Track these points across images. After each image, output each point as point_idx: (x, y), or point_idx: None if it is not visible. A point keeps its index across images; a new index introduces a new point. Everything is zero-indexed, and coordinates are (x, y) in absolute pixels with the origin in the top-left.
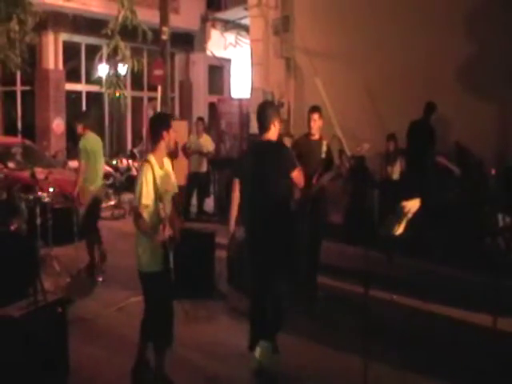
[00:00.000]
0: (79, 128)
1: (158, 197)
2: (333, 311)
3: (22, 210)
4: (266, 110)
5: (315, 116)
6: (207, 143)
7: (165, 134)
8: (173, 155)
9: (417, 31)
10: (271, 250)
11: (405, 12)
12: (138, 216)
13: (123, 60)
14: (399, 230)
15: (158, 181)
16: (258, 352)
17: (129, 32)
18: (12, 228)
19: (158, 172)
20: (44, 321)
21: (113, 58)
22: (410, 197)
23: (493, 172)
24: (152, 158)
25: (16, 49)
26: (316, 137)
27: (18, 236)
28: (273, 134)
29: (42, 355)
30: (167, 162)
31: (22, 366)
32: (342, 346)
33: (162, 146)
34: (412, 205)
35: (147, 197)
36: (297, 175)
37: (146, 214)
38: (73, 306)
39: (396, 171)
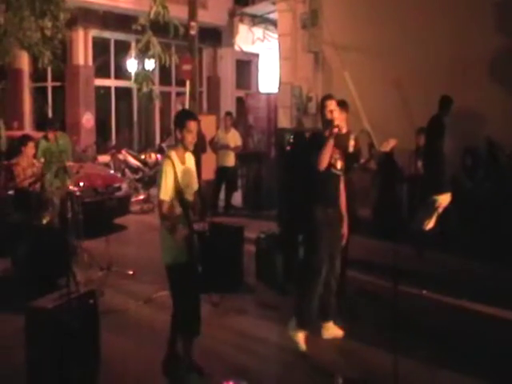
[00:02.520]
0: (52, 133)
1: (179, 192)
2: (362, 306)
3: (55, 203)
4: None
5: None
6: (235, 138)
7: (177, 132)
8: (201, 150)
9: (446, 24)
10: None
11: (433, 4)
12: (160, 211)
13: (155, 55)
14: (430, 224)
15: (179, 176)
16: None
17: (157, 27)
18: (44, 221)
19: (179, 167)
20: (76, 312)
21: (145, 54)
22: (436, 191)
23: None
24: (173, 153)
25: (49, 45)
26: (343, 130)
27: (50, 229)
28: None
29: (75, 346)
30: (190, 157)
31: (56, 356)
32: (371, 341)
33: (180, 144)
34: (443, 199)
35: (166, 192)
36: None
37: (167, 209)
38: (103, 298)
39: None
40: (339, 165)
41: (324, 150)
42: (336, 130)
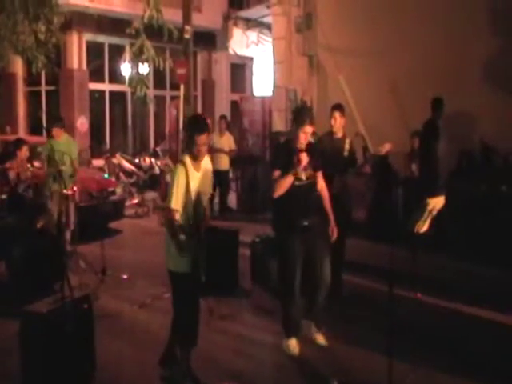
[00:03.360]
0: (59, 130)
1: (190, 200)
2: (357, 309)
3: (49, 207)
4: None
5: (336, 114)
6: (229, 141)
7: (197, 138)
8: None
9: (441, 27)
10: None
11: (428, 8)
12: (167, 220)
13: (148, 59)
14: (424, 227)
15: (192, 184)
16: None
17: (151, 31)
18: (38, 225)
19: (194, 175)
20: (71, 316)
21: (139, 57)
22: (431, 194)
23: None
24: (188, 159)
25: (43, 49)
26: (339, 135)
27: (44, 233)
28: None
29: (70, 350)
30: (206, 161)
31: (50, 360)
32: (367, 344)
33: (197, 149)
34: (436, 202)
35: (176, 201)
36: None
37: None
38: (98, 303)
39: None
40: (304, 175)
41: (279, 183)
42: (302, 165)
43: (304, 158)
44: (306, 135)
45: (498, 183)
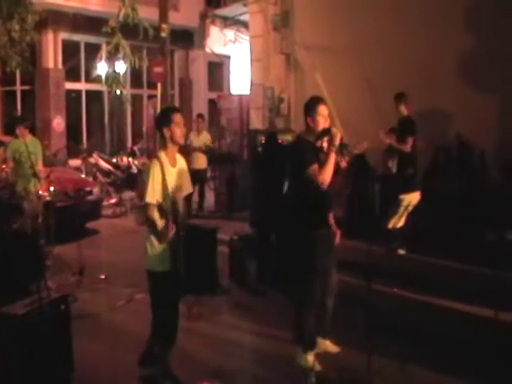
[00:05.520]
0: (24, 130)
1: (167, 196)
2: (334, 304)
3: (25, 208)
4: None
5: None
6: (206, 140)
7: (165, 130)
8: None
9: (417, 24)
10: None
11: (404, 5)
12: (146, 215)
13: (125, 57)
14: (400, 222)
15: (168, 179)
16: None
17: (128, 29)
18: (15, 226)
19: (169, 170)
20: (48, 318)
21: (114, 56)
22: (408, 190)
23: None
24: (163, 154)
25: (17, 48)
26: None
27: (21, 234)
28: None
29: (47, 352)
30: (180, 159)
31: (27, 363)
32: (344, 339)
33: (170, 142)
34: (412, 198)
35: (152, 195)
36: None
37: (154, 213)
38: (76, 304)
39: (396, 165)
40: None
41: (328, 167)
42: (339, 140)
43: (337, 132)
44: (324, 117)
45: (473, 179)
